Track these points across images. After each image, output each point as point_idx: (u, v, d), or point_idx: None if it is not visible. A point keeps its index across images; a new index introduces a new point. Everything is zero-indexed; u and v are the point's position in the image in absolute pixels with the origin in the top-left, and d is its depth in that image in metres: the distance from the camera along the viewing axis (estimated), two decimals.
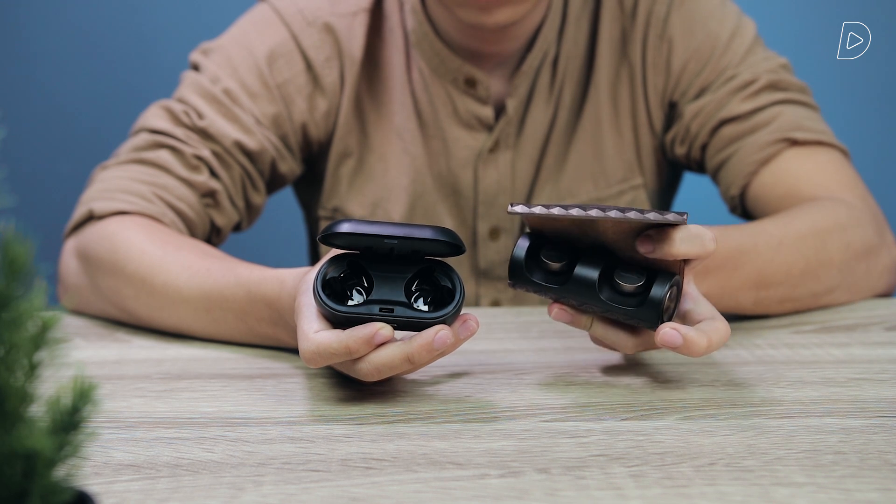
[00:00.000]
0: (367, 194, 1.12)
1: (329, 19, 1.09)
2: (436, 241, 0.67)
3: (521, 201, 0.67)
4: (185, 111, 1.04)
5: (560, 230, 0.71)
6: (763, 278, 0.87)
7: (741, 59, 1.08)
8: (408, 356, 0.66)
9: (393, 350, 0.67)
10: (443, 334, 0.66)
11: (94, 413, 0.39)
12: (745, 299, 0.87)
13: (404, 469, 0.59)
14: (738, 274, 0.85)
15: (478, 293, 1.15)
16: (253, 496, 0.55)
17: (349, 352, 0.66)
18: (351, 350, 0.66)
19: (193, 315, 0.87)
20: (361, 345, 0.66)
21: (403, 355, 0.66)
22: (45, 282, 0.37)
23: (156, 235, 0.93)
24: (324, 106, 1.09)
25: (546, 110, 1.11)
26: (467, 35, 1.06)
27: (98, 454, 0.61)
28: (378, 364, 0.67)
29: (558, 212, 0.67)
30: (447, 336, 0.66)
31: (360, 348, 0.66)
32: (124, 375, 0.79)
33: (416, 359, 0.67)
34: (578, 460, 0.60)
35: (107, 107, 2.25)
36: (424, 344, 0.66)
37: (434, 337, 0.66)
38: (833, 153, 1.05)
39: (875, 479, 0.56)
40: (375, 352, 0.67)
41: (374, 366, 0.67)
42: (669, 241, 0.67)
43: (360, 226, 0.66)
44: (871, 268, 0.97)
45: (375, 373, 0.67)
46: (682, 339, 0.67)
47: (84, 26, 2.27)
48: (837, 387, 0.73)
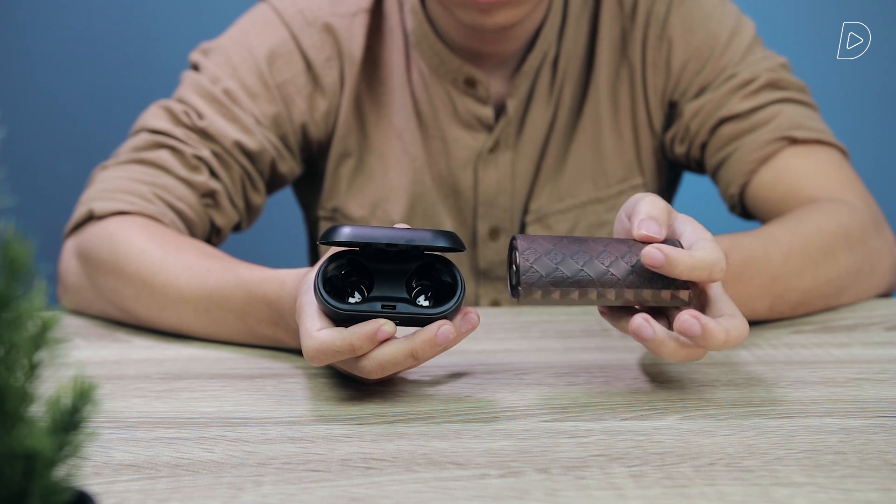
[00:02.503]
0: (366, 194, 1.12)
1: (329, 19, 1.09)
2: (437, 247, 0.67)
3: (525, 285, 0.68)
4: (185, 111, 1.04)
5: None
6: (776, 285, 0.87)
7: (741, 59, 1.08)
8: (411, 352, 0.67)
9: (396, 346, 0.67)
10: (445, 329, 0.66)
11: (94, 413, 0.39)
12: (761, 307, 0.87)
13: (404, 469, 0.59)
14: (752, 283, 0.85)
15: (477, 293, 1.15)
16: (253, 496, 0.55)
17: (353, 349, 0.66)
18: (354, 347, 0.66)
19: (193, 315, 0.87)
20: (364, 342, 0.66)
21: (407, 351, 0.67)
22: (45, 282, 0.37)
23: (156, 235, 0.93)
24: (323, 106, 1.09)
25: (546, 110, 1.11)
26: (467, 35, 1.06)
27: (98, 454, 0.61)
28: (381, 361, 0.67)
29: (559, 297, 0.68)
30: (449, 331, 0.66)
31: (363, 345, 0.66)
32: (124, 375, 0.79)
33: (420, 354, 0.67)
34: (578, 460, 0.60)
35: (107, 107, 2.25)
36: (427, 339, 0.66)
37: (437, 332, 0.66)
38: (832, 152, 1.05)
39: (875, 479, 0.56)
40: (378, 349, 0.67)
41: (377, 363, 0.67)
42: (674, 266, 0.67)
43: (361, 230, 0.67)
44: (873, 268, 0.97)
45: (379, 369, 0.67)
46: (702, 328, 0.66)
47: (84, 26, 2.27)
48: (837, 387, 0.73)
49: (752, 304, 0.86)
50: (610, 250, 0.69)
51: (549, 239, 0.70)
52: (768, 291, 0.87)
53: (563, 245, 0.69)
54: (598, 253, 0.69)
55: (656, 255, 0.67)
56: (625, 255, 0.69)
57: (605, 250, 0.69)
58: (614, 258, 0.69)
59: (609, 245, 0.70)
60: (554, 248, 0.69)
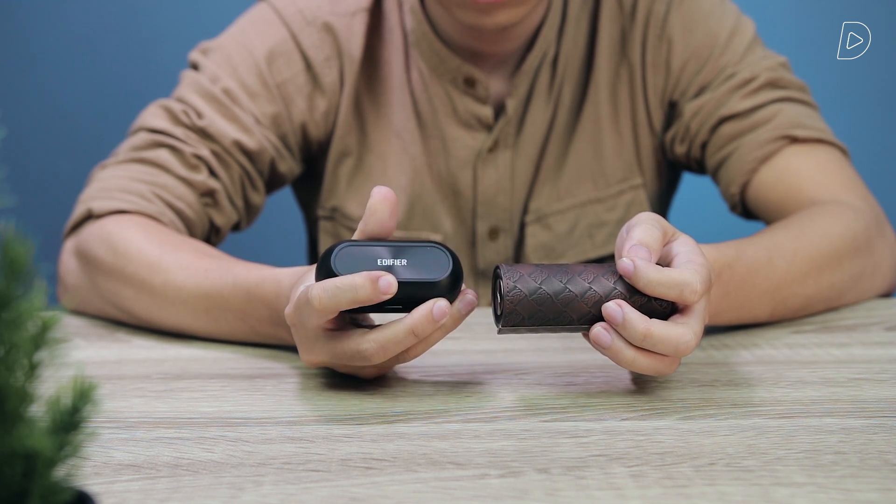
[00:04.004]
0: (365, 194, 1.12)
1: (328, 19, 1.09)
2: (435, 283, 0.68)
3: (505, 325, 0.69)
4: (184, 110, 1.04)
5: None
6: (779, 292, 0.87)
7: (740, 58, 1.08)
8: (411, 328, 0.67)
9: (394, 325, 0.67)
10: (441, 304, 0.67)
11: (94, 413, 0.39)
12: (762, 312, 0.88)
13: (404, 469, 0.59)
14: (756, 290, 0.85)
15: (477, 293, 1.15)
16: (253, 496, 0.55)
17: (354, 287, 0.65)
18: (356, 284, 0.65)
19: (193, 315, 0.87)
20: (365, 279, 0.65)
21: (406, 329, 0.67)
22: (45, 282, 0.37)
23: (154, 235, 0.93)
24: (323, 105, 1.09)
25: (545, 110, 1.11)
26: (466, 35, 1.06)
27: (98, 454, 0.61)
28: (382, 341, 0.67)
29: (545, 331, 0.70)
30: (445, 305, 0.67)
31: (364, 283, 0.65)
32: (124, 375, 0.79)
33: (419, 330, 0.67)
34: (578, 460, 0.60)
35: (107, 107, 2.25)
36: (424, 314, 0.66)
37: (433, 306, 0.66)
38: (833, 151, 1.05)
39: (875, 479, 0.56)
40: (377, 329, 0.67)
41: (378, 343, 0.67)
42: (639, 278, 0.67)
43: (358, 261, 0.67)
44: (875, 270, 0.97)
45: (381, 350, 0.67)
46: (623, 317, 0.67)
47: (84, 26, 2.27)
48: (837, 387, 0.73)
49: (754, 311, 0.86)
50: (591, 270, 0.69)
51: (531, 265, 0.71)
52: (770, 299, 0.87)
53: (545, 268, 0.70)
54: (579, 272, 0.69)
55: (627, 265, 0.68)
56: (605, 273, 0.69)
57: (586, 270, 0.69)
58: (595, 276, 0.69)
59: (589, 267, 0.70)
60: (536, 269, 0.70)
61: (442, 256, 0.68)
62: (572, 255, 1.14)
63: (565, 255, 1.14)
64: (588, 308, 0.68)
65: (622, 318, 0.67)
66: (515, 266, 0.70)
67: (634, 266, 0.67)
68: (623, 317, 0.67)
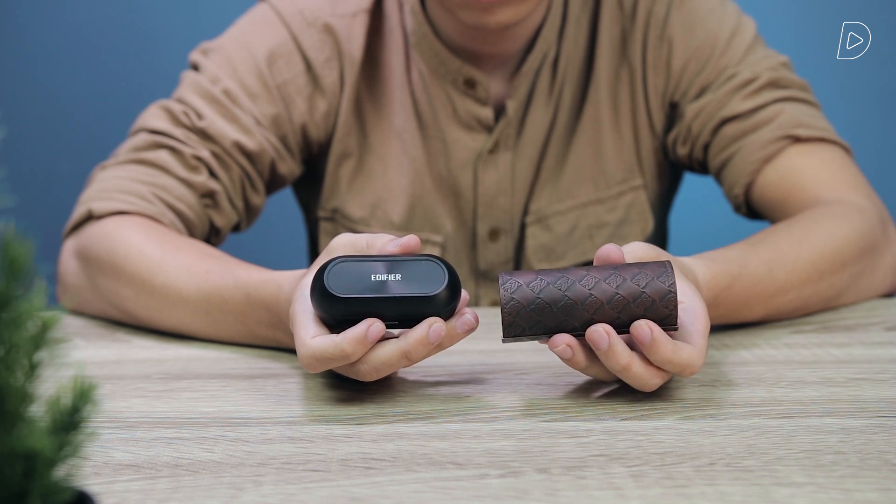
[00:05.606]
0: (366, 195, 1.12)
1: (329, 20, 1.09)
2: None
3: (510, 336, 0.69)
4: (184, 111, 1.04)
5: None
6: (774, 300, 0.88)
7: (741, 58, 1.08)
8: (404, 353, 0.67)
9: (389, 348, 0.67)
10: (437, 326, 0.67)
11: (94, 413, 0.39)
12: (755, 317, 0.88)
13: (404, 469, 0.59)
14: (750, 302, 0.86)
15: (477, 294, 1.15)
16: (253, 496, 0.55)
17: (345, 355, 0.66)
18: (347, 353, 0.66)
19: (193, 316, 0.87)
20: (356, 346, 0.66)
21: (400, 352, 0.67)
22: (45, 282, 0.37)
23: (154, 236, 0.93)
24: (323, 107, 1.09)
25: (546, 111, 1.11)
26: (467, 36, 1.06)
27: (98, 454, 0.61)
28: (376, 364, 0.67)
29: (544, 341, 0.69)
30: (441, 328, 0.67)
31: (355, 350, 0.66)
32: (124, 375, 0.79)
33: (413, 354, 0.67)
34: (578, 460, 0.60)
35: (107, 107, 2.25)
36: (419, 338, 0.66)
37: (428, 330, 0.66)
38: (836, 150, 1.05)
39: (875, 479, 0.56)
40: (373, 352, 0.67)
41: (371, 366, 0.68)
42: (654, 353, 0.67)
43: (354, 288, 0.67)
44: (875, 269, 0.97)
45: (374, 372, 0.68)
46: (652, 338, 0.66)
47: (84, 26, 2.27)
48: (837, 387, 0.73)
49: (745, 317, 0.88)
50: (592, 274, 0.69)
51: (531, 273, 0.70)
52: (764, 307, 0.88)
53: (545, 275, 0.69)
54: (580, 278, 0.69)
55: (645, 334, 0.67)
56: (607, 277, 0.69)
57: (587, 275, 0.69)
58: (596, 281, 0.68)
59: (591, 271, 0.69)
60: (535, 277, 0.69)
61: (437, 270, 0.68)
62: (573, 256, 1.14)
63: (566, 256, 1.14)
64: (590, 315, 0.68)
65: (607, 346, 0.67)
66: (515, 275, 0.69)
67: (652, 338, 0.67)
68: (609, 345, 0.67)
